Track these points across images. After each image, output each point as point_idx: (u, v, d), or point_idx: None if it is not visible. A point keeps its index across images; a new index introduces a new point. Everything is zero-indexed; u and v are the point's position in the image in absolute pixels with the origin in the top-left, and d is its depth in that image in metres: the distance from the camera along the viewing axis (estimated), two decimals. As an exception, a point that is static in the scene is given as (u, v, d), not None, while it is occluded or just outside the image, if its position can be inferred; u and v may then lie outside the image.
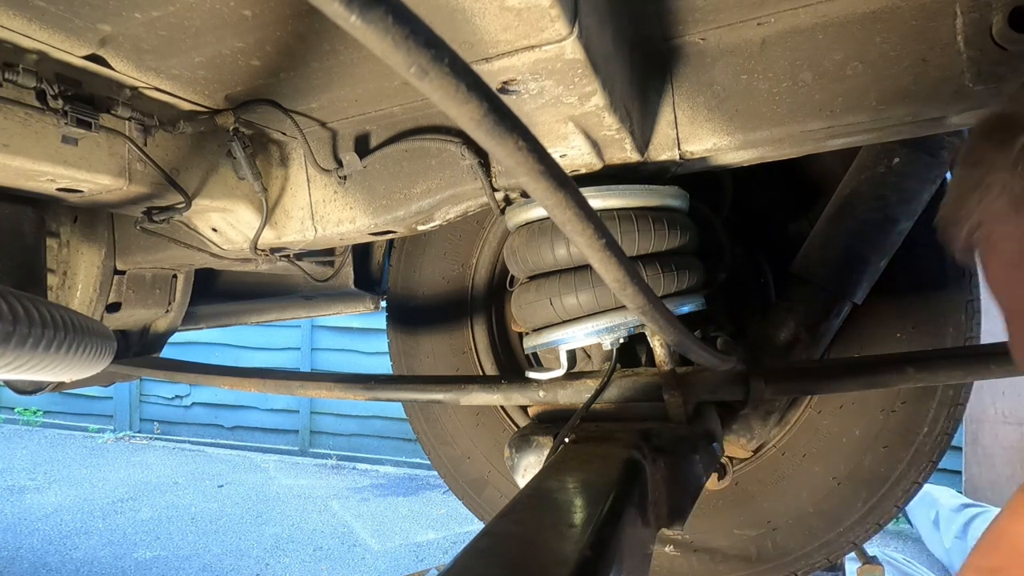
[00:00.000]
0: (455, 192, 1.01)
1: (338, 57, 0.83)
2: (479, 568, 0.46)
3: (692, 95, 0.87)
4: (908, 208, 1.07)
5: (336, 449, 6.74)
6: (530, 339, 1.01)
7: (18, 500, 5.14)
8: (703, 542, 1.31)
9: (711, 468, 0.88)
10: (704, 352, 0.71)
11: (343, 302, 1.90)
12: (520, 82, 0.66)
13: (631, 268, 0.49)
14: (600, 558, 0.49)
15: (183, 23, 0.72)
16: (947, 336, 1.14)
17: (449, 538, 4.31)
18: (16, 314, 0.73)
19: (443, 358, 1.49)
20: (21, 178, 0.83)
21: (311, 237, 1.11)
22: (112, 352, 1.00)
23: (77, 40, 0.74)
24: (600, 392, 0.95)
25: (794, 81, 0.82)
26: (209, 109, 0.97)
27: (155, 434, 7.48)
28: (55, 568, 3.94)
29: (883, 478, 1.18)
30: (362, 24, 0.24)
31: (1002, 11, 0.71)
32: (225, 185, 1.05)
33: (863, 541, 1.23)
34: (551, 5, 0.54)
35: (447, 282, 1.47)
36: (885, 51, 0.78)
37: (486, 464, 1.48)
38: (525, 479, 0.93)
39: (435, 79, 0.27)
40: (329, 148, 1.08)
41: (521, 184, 0.36)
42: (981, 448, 3.90)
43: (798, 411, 1.23)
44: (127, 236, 1.30)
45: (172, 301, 1.48)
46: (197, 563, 4.01)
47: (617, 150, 0.84)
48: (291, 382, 1.28)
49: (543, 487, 0.65)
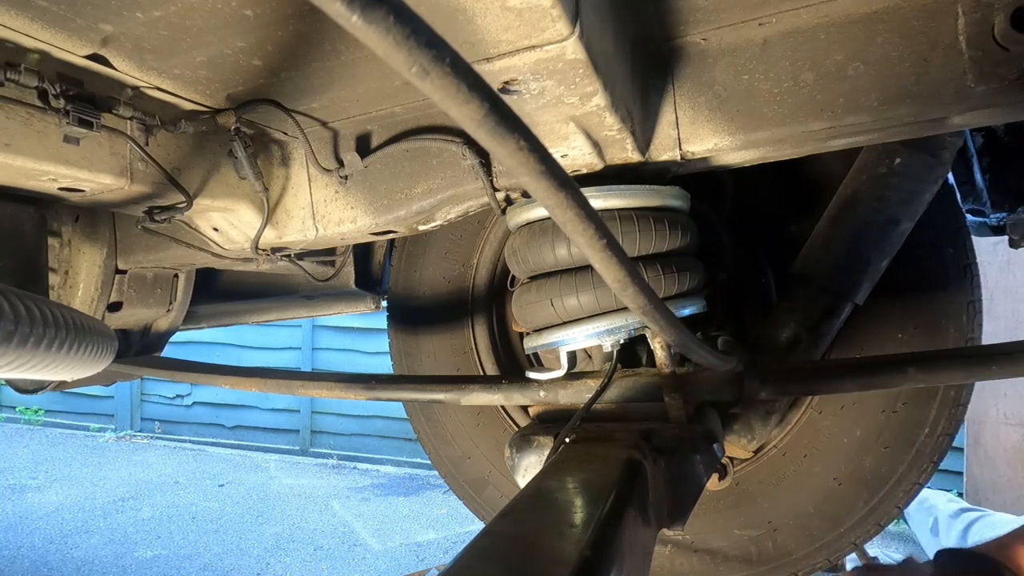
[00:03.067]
0: (456, 192, 1.01)
1: (339, 57, 0.83)
2: (479, 568, 0.46)
3: (693, 95, 0.87)
4: (909, 209, 1.07)
5: (337, 449, 6.74)
6: (531, 339, 1.01)
7: (19, 499, 5.14)
8: (703, 542, 1.31)
9: (711, 468, 0.88)
10: (705, 353, 0.71)
11: (344, 302, 1.90)
12: (521, 82, 0.66)
13: (632, 268, 0.49)
14: (600, 558, 0.49)
15: (184, 23, 0.72)
16: (948, 337, 1.14)
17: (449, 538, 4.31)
18: (18, 313, 0.73)
19: (444, 358, 1.49)
20: (23, 177, 0.84)
21: (312, 237, 1.11)
22: (113, 351, 1.00)
23: (79, 40, 0.74)
24: (601, 392, 0.95)
25: (796, 81, 0.82)
26: (210, 109, 0.97)
27: (156, 433, 7.48)
28: (56, 567, 3.94)
29: (884, 479, 1.17)
30: (363, 24, 0.24)
31: (1004, 11, 0.71)
32: (226, 185, 1.05)
33: (864, 542, 1.23)
34: (552, 5, 0.54)
35: (448, 282, 1.47)
36: (887, 51, 0.77)
37: (486, 464, 1.48)
38: (525, 479, 0.93)
39: (436, 79, 0.27)
40: (330, 148, 1.08)
41: (522, 184, 0.36)
42: (982, 449, 3.90)
43: (799, 412, 1.23)
44: (128, 235, 1.30)
45: (173, 300, 1.48)
46: (198, 562, 4.02)
47: (618, 150, 0.84)
48: (292, 382, 1.28)
49: (543, 487, 0.65)
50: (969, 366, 0.88)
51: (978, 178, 1.43)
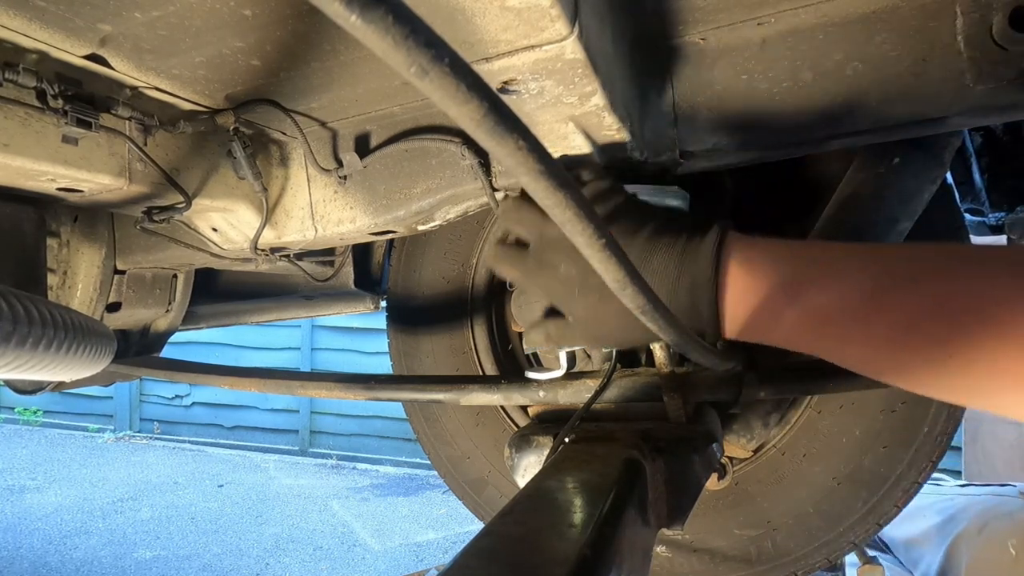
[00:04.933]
0: (455, 192, 1.01)
1: (338, 57, 0.83)
2: (479, 568, 0.46)
3: (692, 95, 0.87)
4: (908, 208, 1.07)
5: (336, 449, 6.74)
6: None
7: (18, 500, 5.14)
8: (703, 542, 1.31)
9: (711, 468, 0.88)
10: (704, 353, 0.71)
11: (343, 302, 1.90)
12: (520, 82, 0.66)
13: (631, 268, 0.49)
14: (600, 558, 0.49)
15: (183, 23, 0.72)
16: (947, 336, 1.14)
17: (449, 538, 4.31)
18: (16, 314, 0.73)
19: (443, 358, 1.49)
20: (21, 178, 0.83)
21: (311, 237, 1.11)
22: (112, 352, 1.00)
23: (77, 40, 0.74)
24: (600, 392, 0.95)
25: (794, 81, 0.82)
26: (209, 109, 0.97)
27: (155, 434, 7.48)
28: (55, 568, 3.94)
29: (883, 478, 1.18)
30: (362, 24, 0.24)
31: (1003, 11, 0.71)
32: (225, 185, 1.05)
33: (863, 541, 1.23)
34: (551, 5, 0.54)
35: (447, 282, 1.47)
36: (885, 51, 0.78)
37: (486, 464, 1.48)
38: (525, 479, 0.93)
39: (435, 79, 0.27)
40: (329, 148, 1.08)
41: (521, 184, 0.36)
42: (980, 447, 3.90)
43: (798, 411, 1.23)
44: (127, 236, 1.30)
45: (172, 301, 1.48)
46: (197, 563, 4.01)
47: (617, 150, 0.84)
48: (291, 382, 1.28)
49: (543, 487, 0.65)
50: (968, 365, 0.88)
51: (977, 178, 1.44)
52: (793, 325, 0.64)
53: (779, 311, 0.65)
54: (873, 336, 0.59)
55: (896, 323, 0.57)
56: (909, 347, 0.56)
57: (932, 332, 0.54)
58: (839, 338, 0.63)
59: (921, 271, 0.58)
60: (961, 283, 0.54)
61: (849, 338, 0.62)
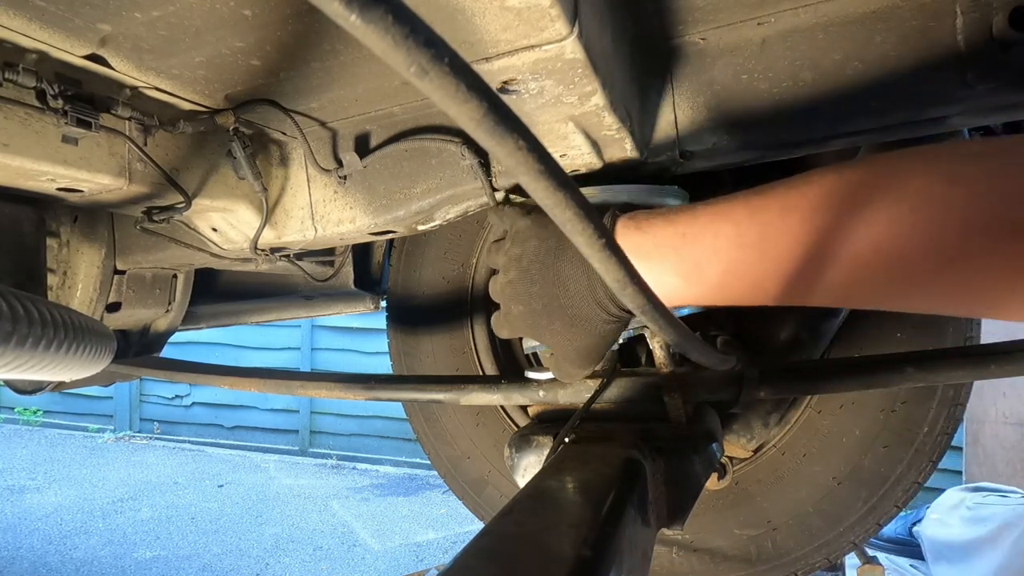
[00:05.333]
0: (455, 192, 1.01)
1: (338, 57, 0.83)
2: (479, 568, 0.46)
3: (692, 95, 0.87)
4: (908, 208, 1.07)
5: (336, 449, 6.74)
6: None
7: (18, 500, 5.14)
8: (703, 542, 1.31)
9: (711, 468, 0.88)
10: (705, 353, 0.71)
11: (343, 302, 1.90)
12: (520, 82, 0.66)
13: (631, 268, 0.49)
14: (600, 558, 0.49)
15: (183, 23, 0.72)
16: (947, 336, 1.14)
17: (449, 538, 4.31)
18: (16, 313, 0.73)
19: (443, 358, 1.49)
20: (21, 178, 0.83)
21: (311, 237, 1.11)
22: (112, 352, 1.00)
23: (77, 40, 0.74)
24: (600, 392, 0.95)
25: (794, 81, 0.82)
26: (209, 109, 0.97)
27: (155, 434, 7.48)
28: (55, 568, 3.94)
29: (883, 478, 1.18)
30: (362, 23, 0.24)
31: (1003, 11, 0.71)
32: (225, 185, 1.05)
33: (863, 541, 1.23)
34: (551, 5, 0.54)
35: (447, 282, 1.47)
36: (885, 51, 0.77)
37: (486, 464, 1.48)
38: (525, 479, 0.93)
39: (435, 78, 0.27)
40: (329, 148, 1.08)
41: (521, 184, 0.36)
42: (981, 448, 3.90)
43: (798, 411, 1.23)
44: (127, 236, 1.30)
45: (172, 301, 1.48)
46: (197, 563, 4.01)
47: (617, 150, 0.84)
48: (291, 382, 1.28)
49: (543, 487, 0.65)
50: (968, 365, 0.88)
51: (977, 177, 1.43)
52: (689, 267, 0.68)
53: (672, 251, 0.69)
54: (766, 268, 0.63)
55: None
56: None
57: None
58: (727, 287, 0.66)
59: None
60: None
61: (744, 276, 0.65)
